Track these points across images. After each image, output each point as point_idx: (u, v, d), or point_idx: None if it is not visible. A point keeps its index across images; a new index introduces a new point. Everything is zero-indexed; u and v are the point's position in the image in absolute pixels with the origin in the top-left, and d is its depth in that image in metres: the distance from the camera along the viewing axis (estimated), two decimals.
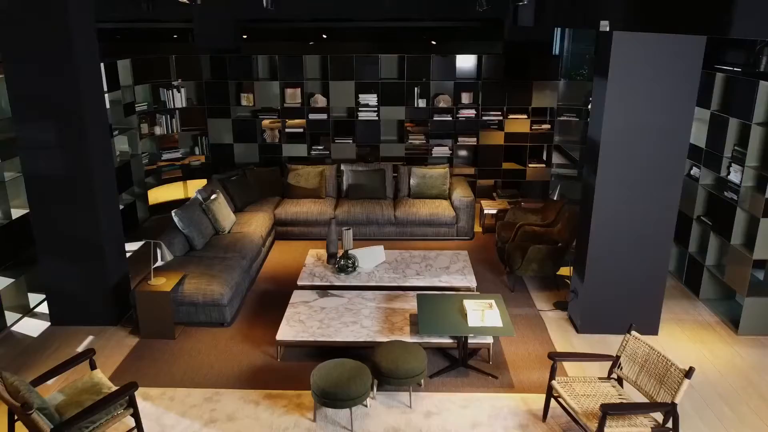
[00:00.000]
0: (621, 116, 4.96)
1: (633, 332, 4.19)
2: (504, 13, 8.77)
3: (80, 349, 5.29)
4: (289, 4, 7.56)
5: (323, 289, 5.79)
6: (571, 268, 6.10)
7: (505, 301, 5.36)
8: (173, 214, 6.21)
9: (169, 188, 9.04)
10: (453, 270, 6.11)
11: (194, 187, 8.68)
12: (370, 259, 6.22)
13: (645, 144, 5.01)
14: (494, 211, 7.90)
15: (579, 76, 8.80)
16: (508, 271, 6.61)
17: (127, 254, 7.07)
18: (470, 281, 5.90)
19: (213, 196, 6.81)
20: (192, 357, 5.17)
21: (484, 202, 8.23)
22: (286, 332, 5.04)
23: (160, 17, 9.16)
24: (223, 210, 6.85)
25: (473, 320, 4.79)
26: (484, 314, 4.81)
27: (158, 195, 8.91)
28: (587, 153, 5.38)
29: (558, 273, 6.45)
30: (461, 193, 7.80)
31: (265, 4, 6.42)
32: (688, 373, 3.72)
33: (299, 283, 5.91)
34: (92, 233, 5.46)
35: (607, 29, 4.81)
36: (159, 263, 5.50)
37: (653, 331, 5.48)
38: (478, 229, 8.08)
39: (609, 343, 5.35)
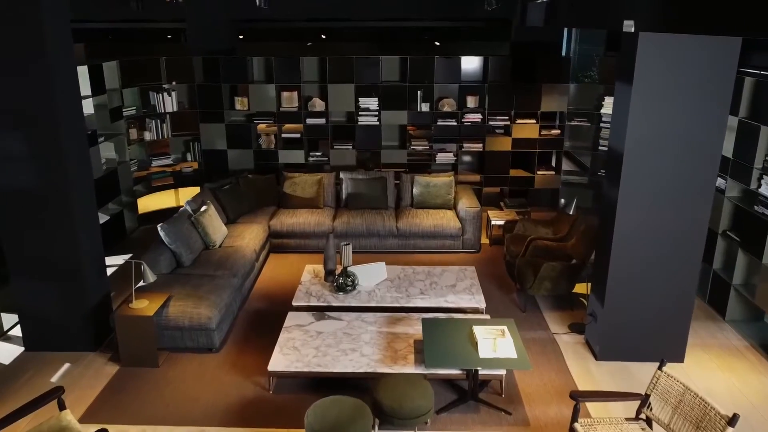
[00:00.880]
0: (646, 124, 4.51)
1: (665, 369, 3.75)
2: (511, 12, 8.33)
3: (54, 379, 4.84)
4: (285, 4, 7.13)
5: (320, 311, 5.35)
6: (588, 285, 5.66)
7: (517, 324, 4.91)
8: (159, 228, 5.77)
9: (160, 196, 8.60)
10: (460, 288, 5.68)
11: (186, 194, 8.24)
12: (371, 276, 5.79)
13: (672, 155, 4.56)
14: (502, 222, 7.47)
15: (587, 78, 8.36)
16: (518, 288, 6.17)
17: (112, 269, 6.67)
18: (479, 302, 5.47)
19: (203, 208, 6.37)
20: (176, 388, 4.73)
21: (491, 212, 7.78)
22: (278, 361, 4.60)
23: (151, 17, 8.73)
24: (213, 222, 6.41)
25: (484, 350, 4.35)
26: (496, 343, 4.37)
27: (148, 203, 8.47)
28: (608, 164, 4.94)
29: (572, 291, 6.00)
30: (467, 203, 7.35)
31: (258, 3, 6.00)
32: (732, 420, 3.28)
33: (294, 303, 5.47)
34: (69, 251, 5.02)
35: (632, 30, 4.38)
36: (141, 284, 5.06)
37: (679, 358, 5.04)
38: (484, 240, 7.64)
39: (632, 372, 4.91)
